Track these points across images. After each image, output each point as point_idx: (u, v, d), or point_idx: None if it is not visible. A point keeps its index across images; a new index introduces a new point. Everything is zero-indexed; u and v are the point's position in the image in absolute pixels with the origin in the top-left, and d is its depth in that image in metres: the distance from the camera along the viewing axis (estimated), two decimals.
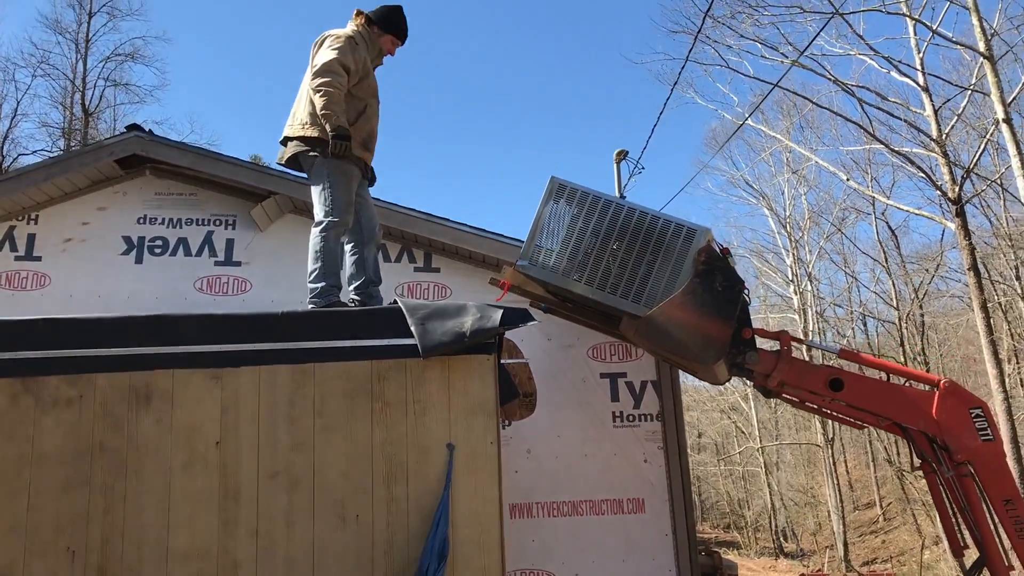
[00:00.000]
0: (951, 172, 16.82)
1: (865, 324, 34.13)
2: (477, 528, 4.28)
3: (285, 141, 5.20)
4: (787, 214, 31.67)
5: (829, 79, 18.09)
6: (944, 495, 5.14)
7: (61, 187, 6.85)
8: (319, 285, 4.99)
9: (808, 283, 30.83)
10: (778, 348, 5.15)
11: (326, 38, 5.09)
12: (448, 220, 6.83)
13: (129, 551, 4.17)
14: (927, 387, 5.08)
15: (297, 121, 5.08)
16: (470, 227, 6.79)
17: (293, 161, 5.16)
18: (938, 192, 17.99)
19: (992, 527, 4.90)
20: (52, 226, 6.89)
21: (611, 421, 6.62)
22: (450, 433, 4.38)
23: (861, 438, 33.85)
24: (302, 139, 5.04)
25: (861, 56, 18.42)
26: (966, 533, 5.23)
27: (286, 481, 4.30)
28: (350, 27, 5.25)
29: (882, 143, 18.63)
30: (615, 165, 17.32)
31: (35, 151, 28.16)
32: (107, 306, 6.53)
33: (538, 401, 6.59)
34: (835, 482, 30.39)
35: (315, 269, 5.01)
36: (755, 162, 31.74)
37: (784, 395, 5.42)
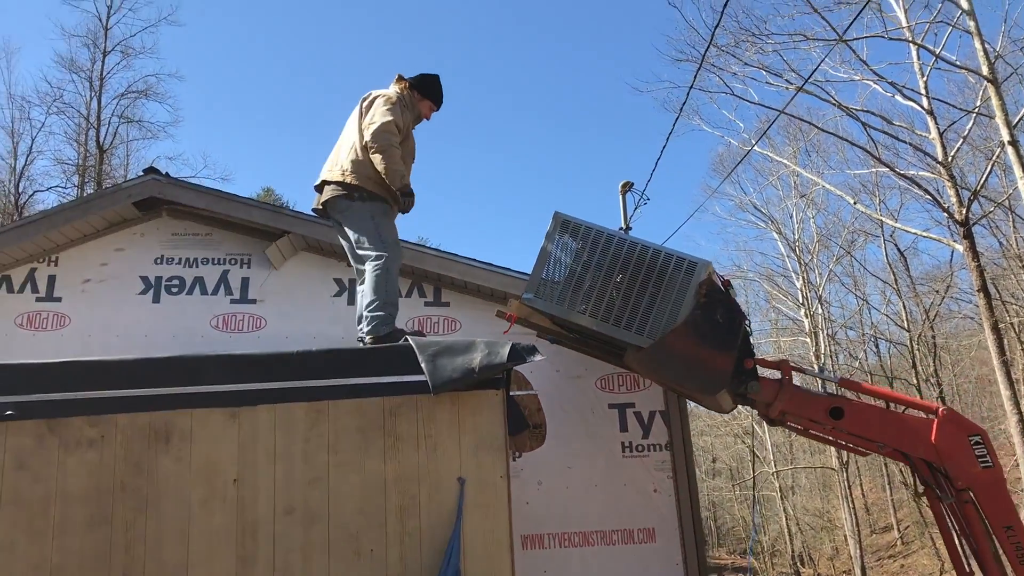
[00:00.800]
0: (958, 194, 16.89)
1: (877, 346, 34.08)
2: (488, 561, 4.37)
3: (322, 186, 5.45)
4: (796, 238, 31.74)
5: (834, 104, 18.24)
6: (948, 521, 5.20)
7: (80, 229, 7.04)
8: (379, 315, 5.16)
9: (819, 306, 30.82)
10: (779, 377, 5.25)
11: (376, 98, 5.38)
12: (458, 256, 6.99)
13: None
14: (927, 415, 5.16)
15: (338, 168, 5.35)
16: (479, 262, 6.93)
17: (329, 204, 5.40)
18: (945, 214, 18.05)
19: (993, 554, 4.96)
20: (72, 267, 7.07)
21: (620, 451, 6.71)
22: (461, 467, 4.49)
23: (876, 461, 33.67)
24: (342, 184, 5.29)
25: (866, 81, 18.57)
26: (972, 559, 5.28)
27: (302, 516, 4.41)
28: (393, 89, 5.53)
29: (888, 166, 18.72)
30: (620, 196, 17.46)
31: (50, 187, 28.62)
32: (125, 345, 6.69)
33: (548, 432, 6.69)
34: (851, 506, 30.20)
35: (374, 300, 5.18)
36: (763, 186, 31.89)
37: (787, 424, 5.51)
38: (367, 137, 5.21)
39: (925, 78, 17.80)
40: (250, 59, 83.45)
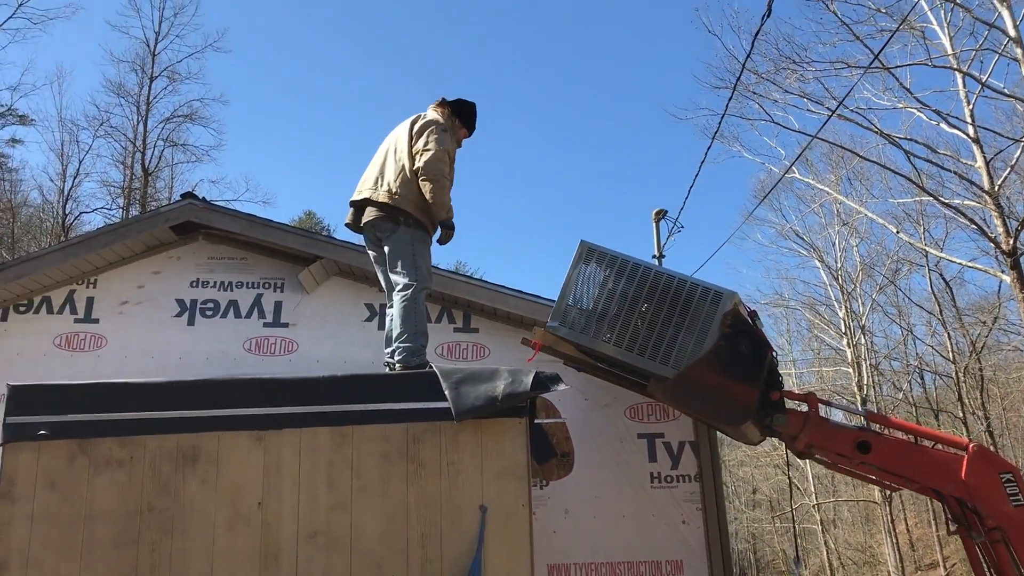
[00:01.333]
0: (1005, 224, 16.58)
1: (922, 377, 33.43)
2: None
3: (362, 204, 5.43)
4: (839, 266, 31.34)
5: (875, 132, 18.06)
6: (982, 560, 5.08)
7: (119, 252, 7.19)
8: (409, 346, 5.15)
9: (862, 336, 30.36)
10: (806, 410, 5.18)
11: (428, 123, 5.35)
12: (486, 282, 7.02)
13: None
14: (957, 451, 5.05)
15: (384, 188, 5.31)
16: (509, 289, 6.95)
17: (372, 224, 5.39)
18: (992, 244, 17.73)
19: None
20: (110, 289, 7.22)
21: (649, 482, 6.65)
22: (483, 495, 4.48)
23: (922, 495, 32.88)
24: (388, 207, 5.27)
25: (909, 109, 18.37)
26: None
27: (325, 541, 4.43)
28: (435, 113, 5.51)
29: (932, 195, 18.46)
30: (654, 224, 17.44)
31: (95, 209, 29.24)
32: (160, 367, 6.80)
33: (575, 461, 6.65)
34: (895, 541, 29.56)
35: (404, 332, 5.16)
36: (805, 214, 31.54)
37: (815, 457, 5.43)
38: (419, 164, 5.18)
39: (971, 106, 17.54)
40: (293, 83, 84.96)
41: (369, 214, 5.39)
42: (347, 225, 5.62)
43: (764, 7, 9.09)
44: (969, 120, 17.41)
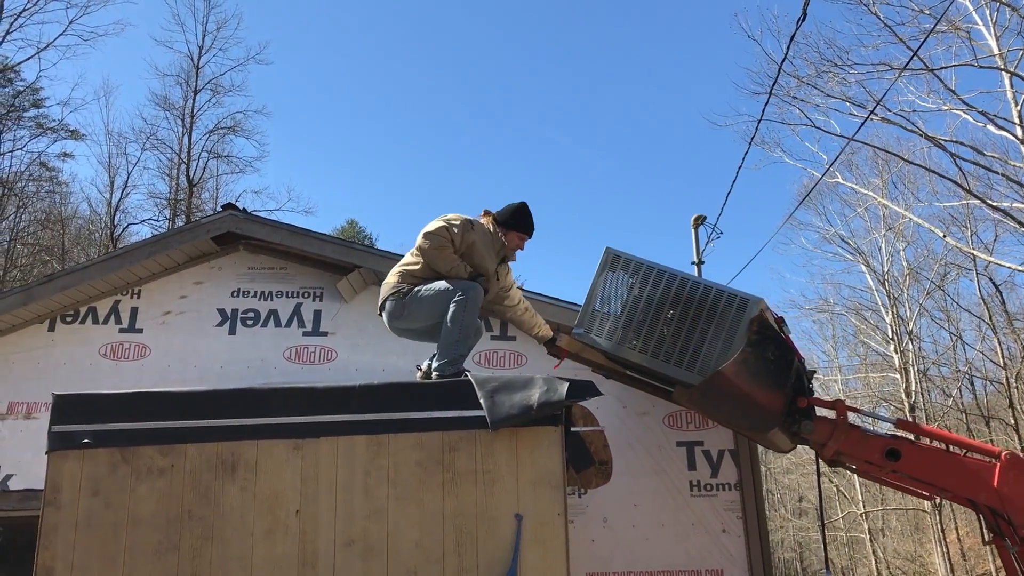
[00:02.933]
0: None
1: (972, 384, 32.69)
2: None
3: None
4: (885, 271, 30.81)
5: (920, 134, 17.77)
6: (1018, 571, 4.96)
7: (162, 263, 7.33)
8: (449, 353, 5.12)
9: (909, 341, 29.81)
10: (834, 417, 5.12)
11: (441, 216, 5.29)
12: (523, 289, 6.99)
13: None
14: (990, 459, 4.96)
15: (386, 280, 5.37)
16: (546, 297, 6.94)
17: (384, 311, 5.34)
18: None
19: None
20: (153, 299, 7.35)
21: (688, 490, 6.59)
22: (518, 504, 4.48)
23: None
24: (392, 291, 5.25)
25: (955, 111, 18.07)
26: None
27: (361, 549, 4.46)
28: (475, 218, 5.45)
29: (979, 198, 18.12)
30: (693, 230, 17.33)
31: (142, 220, 29.84)
32: (202, 376, 6.91)
33: (614, 469, 6.62)
34: (945, 550, 28.93)
35: (447, 338, 5.12)
36: (850, 218, 31.09)
37: (845, 465, 5.35)
38: (416, 243, 5.19)
39: (1019, 107, 17.20)
40: (336, 92, 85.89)
41: (380, 302, 5.34)
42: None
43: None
44: (1017, 121, 17.07)
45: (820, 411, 5.22)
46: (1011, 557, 4.91)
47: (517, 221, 5.52)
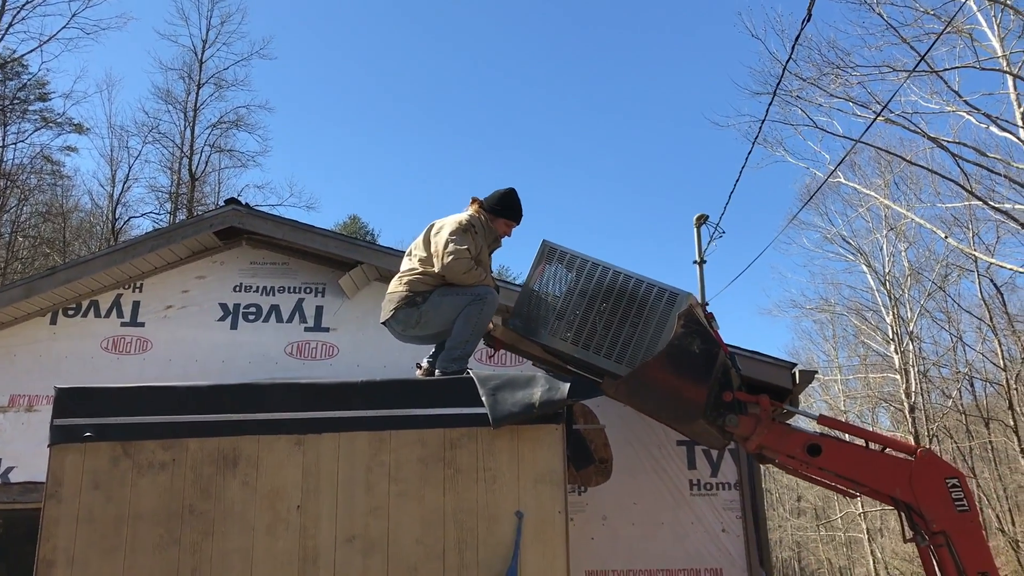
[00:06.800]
0: None
1: (972, 385, 32.66)
2: None
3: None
4: (886, 271, 30.77)
5: (923, 135, 17.76)
6: (936, 567, 5.03)
7: (164, 257, 7.33)
8: (456, 353, 5.12)
9: (909, 342, 29.80)
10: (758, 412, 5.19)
11: (444, 227, 5.24)
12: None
13: None
14: (907, 455, 5.07)
15: (395, 281, 5.32)
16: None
17: (394, 318, 5.27)
18: None
19: None
20: (155, 294, 7.36)
21: (688, 489, 6.61)
22: (519, 501, 4.49)
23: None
24: (402, 296, 5.20)
25: (958, 112, 18.06)
26: None
27: (362, 545, 4.47)
28: (466, 213, 5.41)
29: (981, 200, 18.11)
30: (695, 229, 17.32)
31: (144, 214, 29.81)
32: (204, 370, 6.91)
33: (614, 468, 6.62)
34: None
35: (456, 336, 5.13)
36: (852, 218, 31.05)
37: (768, 459, 5.41)
38: (437, 268, 5.11)
39: (1022, 109, 17.17)
40: (338, 88, 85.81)
41: (386, 311, 5.29)
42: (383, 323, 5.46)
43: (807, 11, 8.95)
44: (1020, 123, 17.04)
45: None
46: (927, 551, 4.99)
47: (505, 208, 5.49)
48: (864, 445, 5.26)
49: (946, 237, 21.17)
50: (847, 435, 5.64)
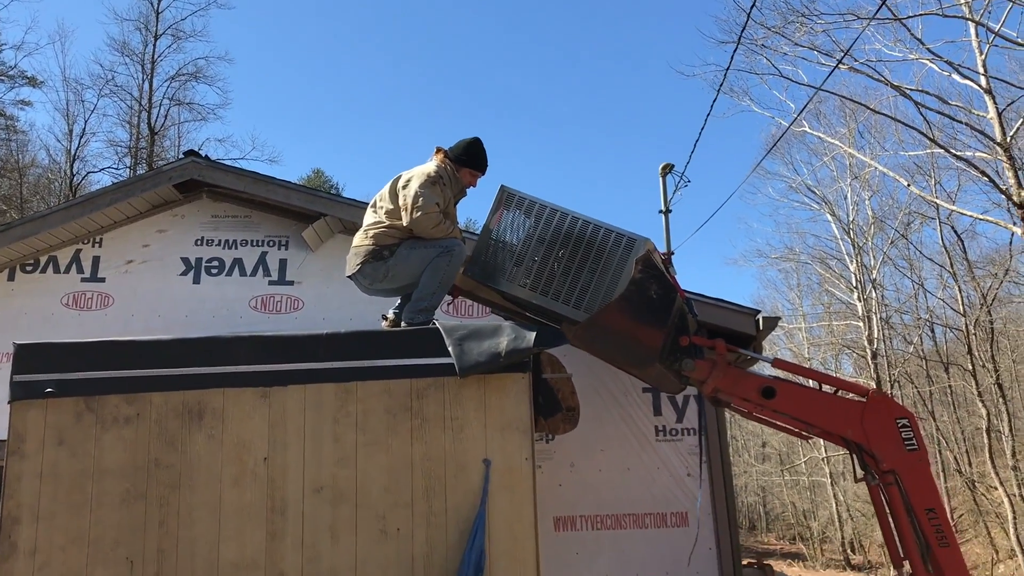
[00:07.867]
0: (1016, 176, 16.40)
1: (933, 331, 33.28)
2: (512, 541, 4.41)
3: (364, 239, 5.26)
4: (850, 219, 31.07)
5: (886, 84, 17.82)
6: (885, 505, 5.18)
7: (124, 211, 7.20)
8: (423, 305, 5.11)
9: (872, 290, 30.23)
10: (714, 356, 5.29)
11: (412, 178, 5.14)
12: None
13: (183, 562, 4.40)
14: (858, 397, 5.18)
15: (360, 235, 5.25)
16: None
17: (361, 272, 5.23)
18: (1004, 196, 17.56)
19: (914, 536, 4.94)
20: (115, 248, 7.24)
21: (653, 435, 6.69)
22: (486, 449, 4.53)
23: (930, 448, 32.98)
24: (368, 249, 5.15)
25: (921, 60, 18.11)
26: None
27: (330, 495, 4.49)
28: (432, 164, 5.32)
29: (943, 148, 18.24)
30: (660, 178, 17.33)
31: (102, 168, 29.20)
32: (166, 325, 6.84)
33: (581, 416, 6.68)
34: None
35: (425, 290, 5.11)
36: (817, 167, 31.23)
37: (723, 402, 5.52)
38: (406, 221, 5.05)
39: (983, 56, 17.26)
40: (299, 40, 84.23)
41: (351, 265, 5.23)
42: (349, 277, 5.40)
43: None
44: (982, 71, 17.14)
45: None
46: (877, 490, 5.14)
47: (470, 157, 5.43)
48: (818, 388, 5.36)
49: (909, 185, 21.38)
50: (801, 378, 5.73)
